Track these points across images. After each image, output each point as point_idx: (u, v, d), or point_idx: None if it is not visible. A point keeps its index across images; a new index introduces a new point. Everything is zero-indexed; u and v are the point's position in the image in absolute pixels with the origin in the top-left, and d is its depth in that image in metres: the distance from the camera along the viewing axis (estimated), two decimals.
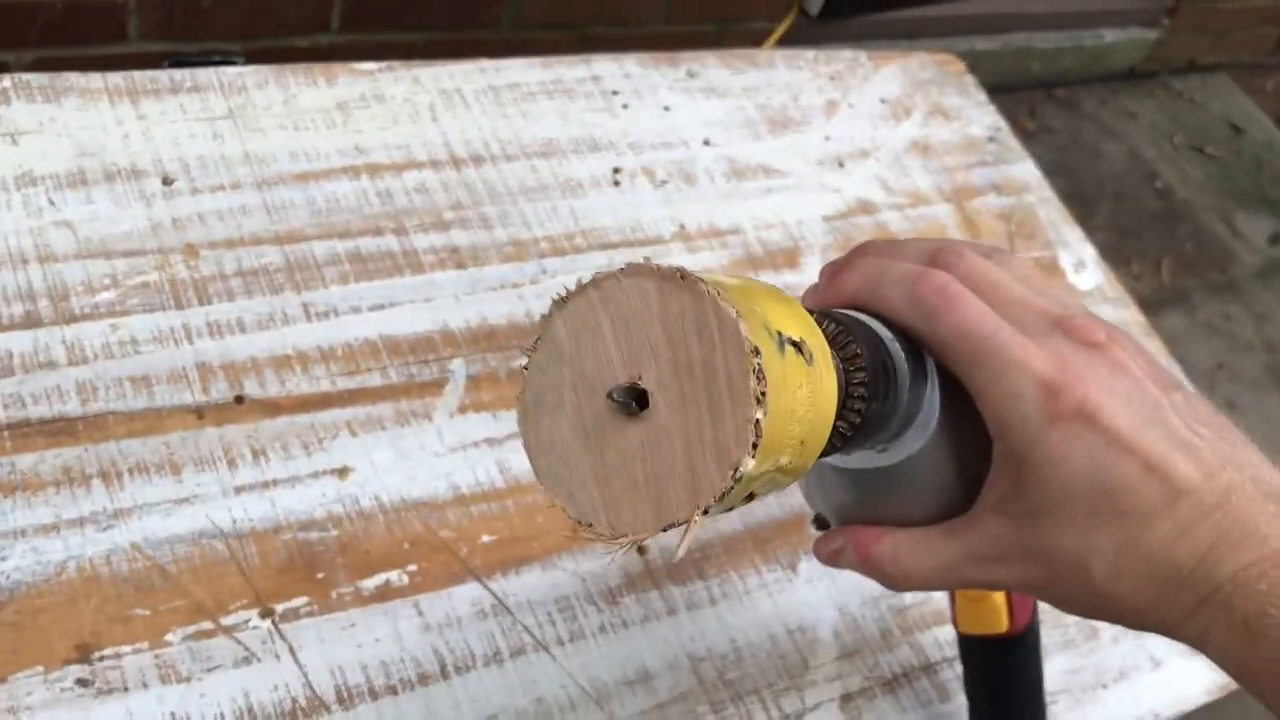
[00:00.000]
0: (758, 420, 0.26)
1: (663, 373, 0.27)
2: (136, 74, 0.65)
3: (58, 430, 0.51)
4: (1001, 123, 0.91)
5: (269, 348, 0.57)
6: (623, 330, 0.28)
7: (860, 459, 0.39)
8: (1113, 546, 0.37)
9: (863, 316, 0.38)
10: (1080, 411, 0.36)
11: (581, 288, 0.29)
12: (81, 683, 0.46)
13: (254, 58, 0.68)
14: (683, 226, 0.72)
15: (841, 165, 0.81)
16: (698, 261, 0.71)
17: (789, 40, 1.81)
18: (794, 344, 0.29)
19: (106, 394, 0.53)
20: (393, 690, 0.50)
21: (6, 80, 0.62)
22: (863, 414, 0.35)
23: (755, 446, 0.26)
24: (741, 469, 0.26)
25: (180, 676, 0.47)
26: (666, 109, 0.78)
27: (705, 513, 0.27)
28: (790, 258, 0.74)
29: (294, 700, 0.48)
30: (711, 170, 0.76)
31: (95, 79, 0.64)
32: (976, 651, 0.57)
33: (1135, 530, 0.36)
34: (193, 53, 1.34)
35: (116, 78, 0.64)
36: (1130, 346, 0.38)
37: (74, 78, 0.63)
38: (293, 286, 0.60)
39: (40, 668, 0.46)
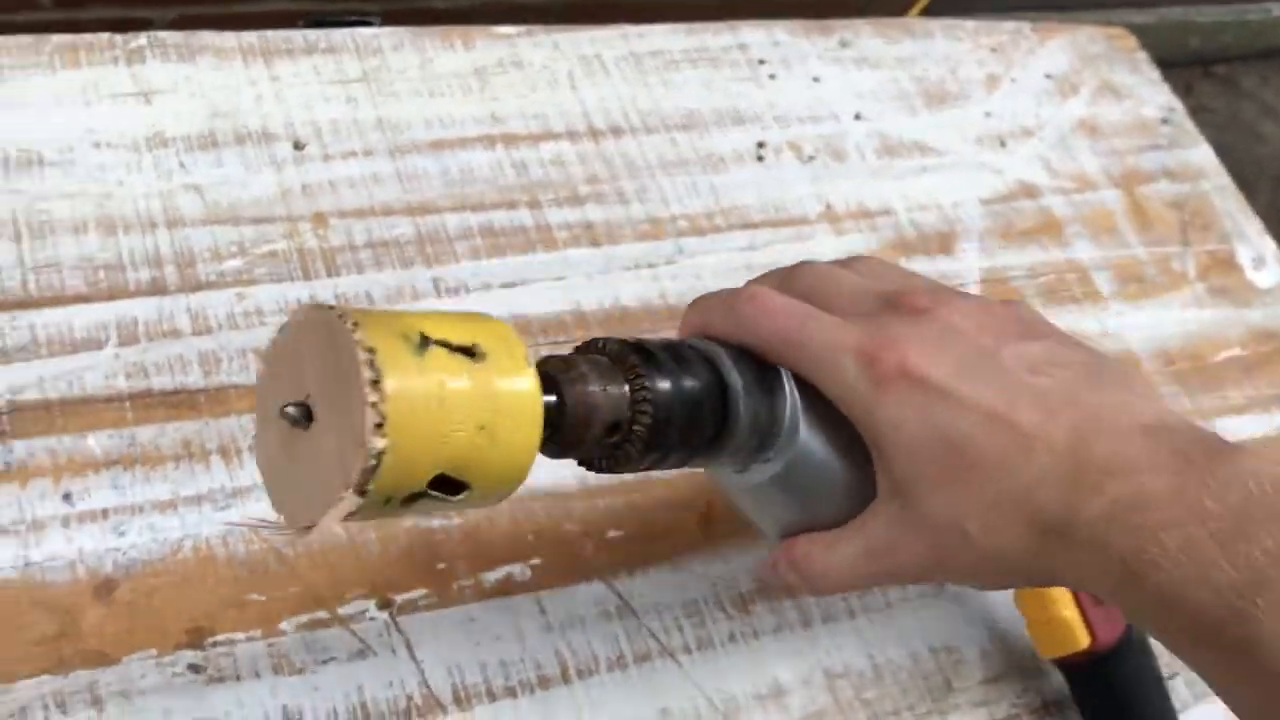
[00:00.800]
0: (374, 403, 0.30)
1: (323, 388, 0.32)
2: (270, 33, 0.63)
3: (179, 402, 0.50)
4: (1176, 103, 0.84)
5: None
6: (297, 359, 0.33)
7: (757, 472, 0.40)
8: (981, 503, 0.36)
9: (702, 344, 0.40)
10: (903, 373, 0.37)
11: (279, 329, 0.34)
12: (194, 668, 0.44)
13: (391, 15, 0.65)
14: (829, 206, 0.68)
15: (1003, 144, 0.75)
16: (844, 244, 0.66)
17: (935, 9, 1.73)
18: (453, 346, 0.32)
19: (229, 366, 0.51)
20: (511, 692, 0.47)
21: (143, 38, 0.60)
22: (653, 416, 0.36)
23: (380, 426, 0.29)
24: (372, 446, 0.30)
25: (294, 668, 0.45)
26: (816, 80, 0.73)
27: (363, 494, 0.30)
28: (945, 243, 0.69)
29: (409, 698, 0.46)
30: (862, 146, 0.71)
31: (229, 38, 0.62)
32: (1072, 676, 0.53)
33: (996, 482, 0.36)
34: (330, 12, 1.33)
35: (251, 37, 0.62)
36: (965, 307, 0.39)
37: (209, 36, 0.61)
38: (423, 260, 0.57)
39: (154, 650, 0.44)
